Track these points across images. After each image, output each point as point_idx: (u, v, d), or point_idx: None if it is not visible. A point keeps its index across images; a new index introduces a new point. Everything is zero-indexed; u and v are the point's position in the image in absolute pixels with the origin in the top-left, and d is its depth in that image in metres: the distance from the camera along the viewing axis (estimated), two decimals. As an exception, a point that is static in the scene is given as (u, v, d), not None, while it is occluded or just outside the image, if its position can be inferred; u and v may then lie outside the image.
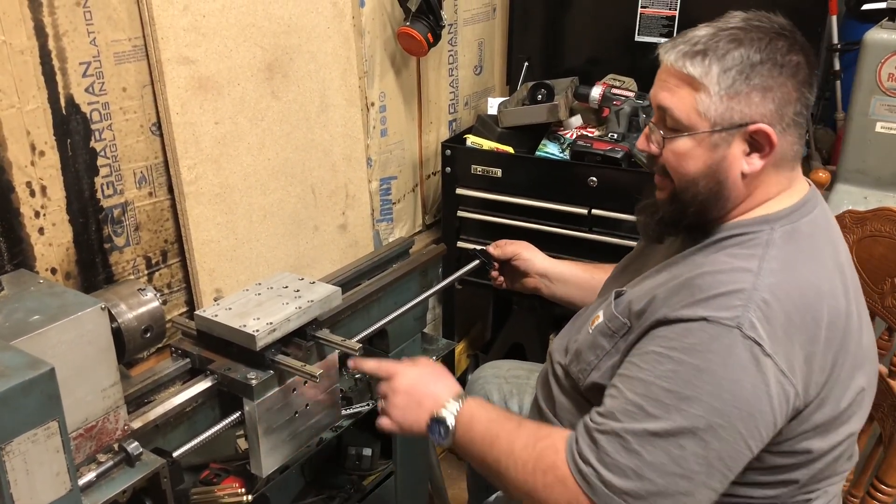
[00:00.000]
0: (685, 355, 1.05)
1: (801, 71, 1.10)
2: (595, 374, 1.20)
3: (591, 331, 1.23)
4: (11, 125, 1.28)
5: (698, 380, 1.03)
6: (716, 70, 1.08)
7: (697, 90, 1.09)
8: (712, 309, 1.05)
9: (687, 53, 1.10)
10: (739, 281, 1.07)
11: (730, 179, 1.13)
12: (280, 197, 1.73)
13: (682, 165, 1.14)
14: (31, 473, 0.87)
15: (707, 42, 1.10)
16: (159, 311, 1.13)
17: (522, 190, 2.05)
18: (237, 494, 1.24)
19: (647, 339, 1.11)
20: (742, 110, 1.09)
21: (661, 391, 1.05)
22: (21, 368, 0.85)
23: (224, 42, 1.54)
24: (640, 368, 1.09)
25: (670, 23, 2.19)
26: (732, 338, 1.03)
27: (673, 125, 1.13)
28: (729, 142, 1.11)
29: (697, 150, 1.12)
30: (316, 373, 1.17)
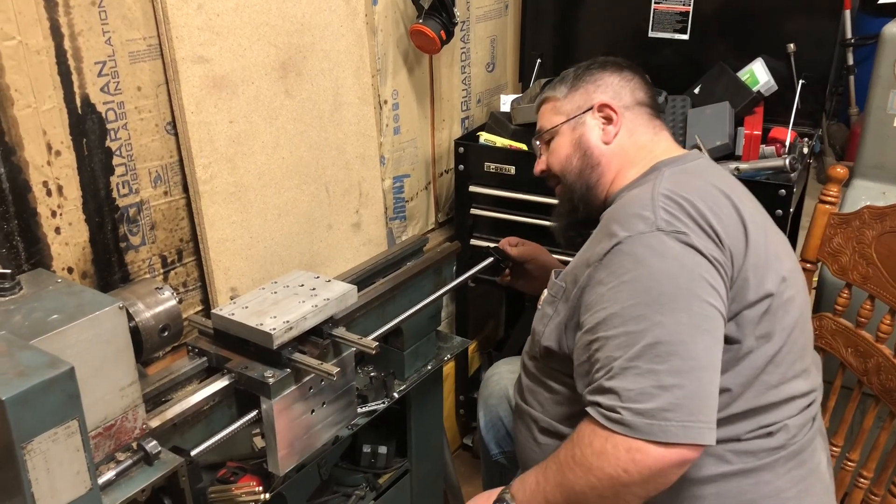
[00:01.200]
0: (631, 270, 1.15)
1: (623, 70, 1.44)
2: (544, 338, 1.30)
3: (540, 306, 1.38)
4: (28, 125, 1.29)
5: (655, 280, 1.13)
6: (560, 86, 1.46)
7: (552, 102, 1.47)
8: (629, 228, 1.18)
9: (546, 89, 1.51)
10: (640, 200, 1.22)
11: (592, 147, 1.39)
12: (294, 195, 1.73)
13: (558, 157, 1.43)
14: (51, 472, 0.87)
15: (561, 75, 1.49)
16: (176, 310, 1.13)
17: (536, 187, 2.04)
18: (255, 493, 1.23)
19: (592, 286, 1.20)
20: (585, 98, 1.42)
21: (632, 309, 1.13)
22: (41, 368, 0.86)
23: (238, 41, 1.54)
24: (603, 308, 1.16)
25: (684, 18, 2.18)
26: (658, 238, 1.15)
27: (547, 137, 1.46)
28: (582, 121, 1.41)
29: (563, 139, 1.43)
30: (333, 371, 1.17)
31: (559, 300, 1.29)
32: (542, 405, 1.34)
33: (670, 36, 2.22)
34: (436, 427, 1.76)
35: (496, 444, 1.66)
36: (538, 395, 1.35)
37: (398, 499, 1.70)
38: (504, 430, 1.64)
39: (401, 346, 1.60)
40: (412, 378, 1.62)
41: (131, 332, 1.07)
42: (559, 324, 1.28)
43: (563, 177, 1.43)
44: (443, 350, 1.74)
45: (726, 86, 2.08)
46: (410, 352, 1.61)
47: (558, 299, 1.29)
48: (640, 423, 1.08)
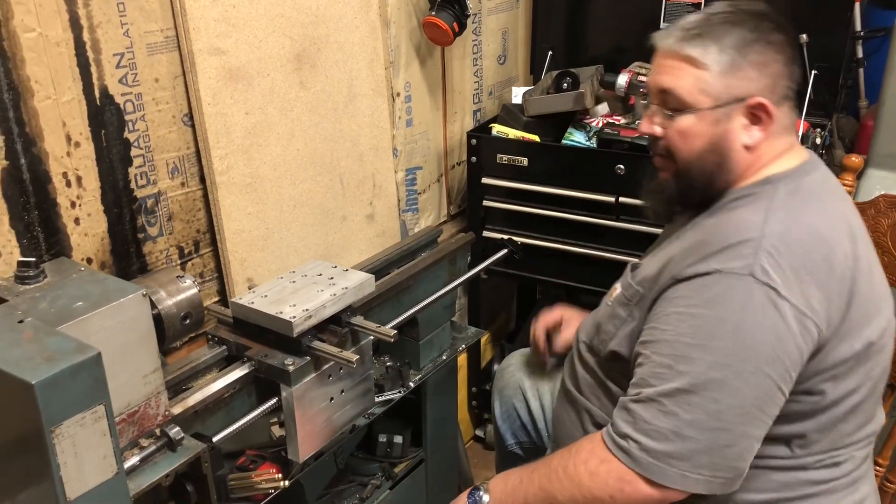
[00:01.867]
0: (704, 309, 1.08)
1: (786, 48, 1.19)
2: (613, 342, 1.24)
3: (611, 303, 1.29)
4: (48, 116, 1.30)
5: (720, 329, 1.06)
6: (714, 49, 1.15)
7: (698, 69, 1.16)
8: (724, 261, 1.09)
9: (684, 37, 1.17)
10: (747, 231, 1.11)
11: (733, 151, 1.19)
12: (309, 187, 1.73)
13: (686, 143, 1.20)
14: (79, 456, 0.88)
15: (702, 26, 1.17)
16: (197, 298, 1.14)
17: (549, 179, 2.05)
18: (274, 479, 1.25)
19: (664, 301, 1.14)
20: (740, 85, 1.16)
21: (686, 347, 1.08)
22: (69, 353, 0.87)
23: (254, 32, 1.54)
24: (662, 331, 1.12)
25: (696, 10, 2.17)
26: (747, 284, 1.06)
27: (676, 105, 1.19)
28: (730, 116, 1.17)
29: (700, 126, 1.18)
30: (353, 359, 1.18)
31: (634, 305, 1.22)
32: (599, 400, 1.31)
33: (682, 27, 2.21)
34: (451, 417, 1.77)
35: (512, 434, 1.67)
36: (596, 390, 1.32)
37: (413, 488, 1.71)
38: (519, 422, 1.64)
39: (416, 336, 1.60)
40: (427, 368, 1.63)
41: (154, 320, 1.08)
42: (633, 330, 1.21)
43: (683, 170, 1.23)
44: (457, 340, 1.75)
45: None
46: (426, 342, 1.62)
47: (633, 304, 1.23)
48: (644, 459, 1.08)
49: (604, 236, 2.03)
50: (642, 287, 1.21)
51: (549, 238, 2.11)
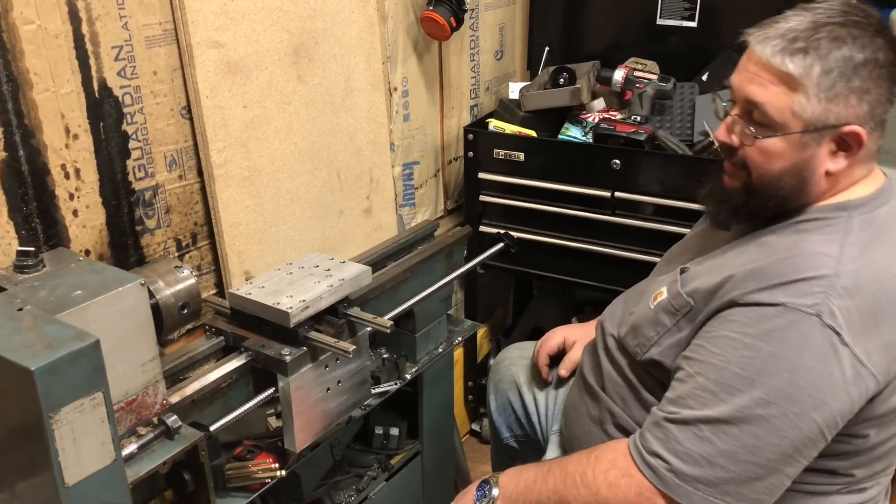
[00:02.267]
0: (761, 342, 1.03)
1: (893, 69, 1.08)
2: (654, 349, 1.20)
3: (653, 306, 1.22)
4: (47, 108, 1.30)
5: (773, 367, 1.02)
6: (817, 70, 1.05)
7: (795, 90, 1.06)
8: (792, 295, 1.04)
9: (786, 49, 1.06)
10: (820, 266, 1.05)
11: (813, 177, 1.12)
12: (306, 181, 1.74)
13: (766, 163, 1.12)
14: (77, 442, 0.90)
15: (808, 38, 1.06)
16: (195, 289, 1.15)
17: (545, 174, 2.06)
18: (271, 469, 1.26)
19: (719, 321, 1.09)
20: (838, 112, 1.07)
21: (733, 377, 1.04)
22: (68, 340, 0.88)
23: (252, 26, 1.55)
24: (712, 353, 1.07)
25: (692, 5, 2.19)
26: (811, 325, 1.02)
27: (762, 120, 1.10)
28: (819, 142, 1.09)
29: (785, 148, 1.10)
30: (349, 349, 1.19)
31: (682, 316, 1.17)
32: (625, 403, 1.28)
33: (678, 23, 2.23)
34: (447, 410, 1.79)
35: (507, 427, 1.68)
36: (623, 391, 1.29)
37: (409, 480, 1.72)
38: (514, 415, 1.65)
39: (413, 329, 1.61)
40: (424, 360, 1.64)
41: (152, 310, 1.09)
42: (679, 342, 1.17)
43: (757, 186, 1.15)
44: (454, 333, 1.76)
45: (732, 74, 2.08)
46: (422, 334, 1.63)
47: (681, 315, 1.17)
48: (670, 480, 1.06)
49: (600, 231, 2.04)
50: (694, 299, 1.15)
51: (546, 233, 2.12)
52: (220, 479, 1.25)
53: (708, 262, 1.21)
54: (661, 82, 2.02)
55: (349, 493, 1.60)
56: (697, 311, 1.15)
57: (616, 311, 1.37)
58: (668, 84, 2.02)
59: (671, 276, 1.24)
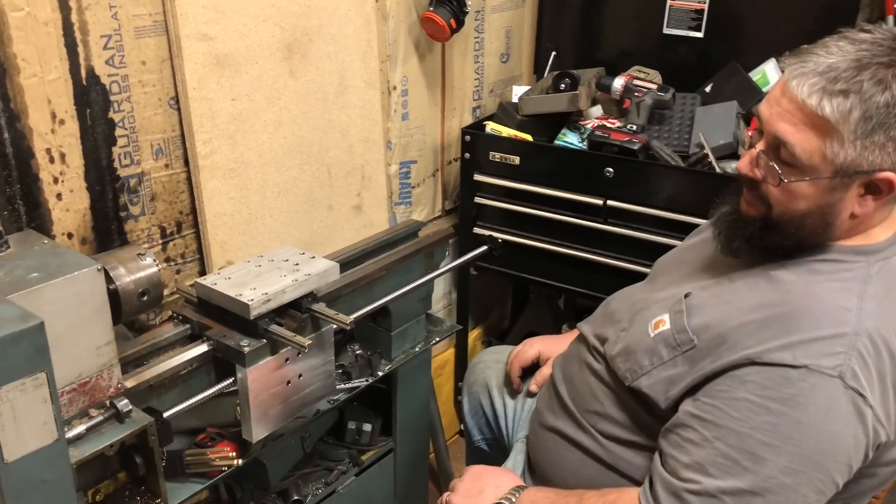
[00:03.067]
0: (785, 407, 1.00)
1: None
2: (644, 380, 1.16)
3: (653, 335, 1.18)
4: (33, 94, 1.34)
5: (799, 433, 1.00)
6: (856, 116, 0.99)
7: (829, 134, 1.01)
8: (814, 355, 1.00)
9: (825, 90, 1.00)
10: (840, 322, 1.02)
11: (838, 220, 1.07)
12: (295, 175, 1.76)
13: (790, 202, 1.07)
14: (18, 420, 0.92)
15: (849, 80, 0.99)
16: (157, 276, 1.17)
17: (539, 178, 2.06)
18: (228, 458, 1.28)
19: (735, 381, 1.05)
20: (873, 160, 1.01)
21: (757, 444, 1.01)
22: (12, 320, 0.90)
23: (243, 20, 1.57)
24: (731, 417, 1.03)
25: (699, 16, 2.17)
26: (834, 388, 0.99)
27: (789, 160, 1.05)
28: (848, 186, 1.04)
29: (812, 190, 1.05)
30: (304, 343, 1.20)
31: (680, 353, 1.12)
32: (598, 416, 1.27)
33: (685, 33, 2.21)
34: (422, 409, 1.79)
35: (478, 430, 1.69)
36: (596, 405, 1.27)
37: (381, 476, 1.73)
38: (484, 418, 1.66)
39: (388, 327, 1.63)
40: (399, 358, 1.65)
41: (111, 295, 1.12)
42: (671, 378, 1.13)
43: (777, 221, 1.10)
44: (433, 333, 1.77)
45: (737, 85, 2.07)
46: (398, 333, 1.64)
47: (680, 351, 1.13)
48: None
49: (591, 238, 2.04)
50: (699, 338, 1.11)
51: (539, 238, 2.13)
52: (178, 465, 1.27)
53: (714, 289, 1.17)
54: (660, 92, 2.01)
55: (317, 485, 1.61)
56: (700, 352, 1.10)
57: (600, 322, 1.35)
58: (666, 94, 2.00)
59: (674, 301, 1.19)
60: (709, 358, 1.09)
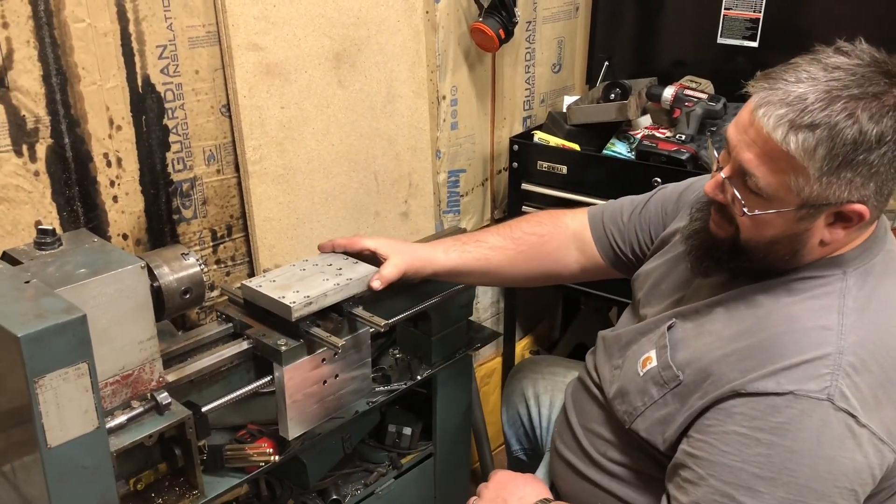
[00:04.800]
0: (775, 436, 0.98)
1: None
2: (640, 422, 1.16)
3: (642, 374, 1.17)
4: (92, 100, 1.41)
5: (793, 463, 0.97)
6: (821, 153, 0.94)
7: (794, 169, 0.97)
8: (798, 381, 0.98)
9: (792, 124, 0.95)
10: (822, 343, 0.99)
11: (806, 247, 1.05)
12: (342, 182, 1.80)
13: (756, 231, 1.05)
14: (61, 408, 0.97)
15: (816, 114, 0.94)
16: (199, 276, 1.22)
17: (587, 188, 2.05)
18: (266, 454, 1.31)
19: (722, 414, 1.03)
20: (840, 192, 0.97)
21: (752, 478, 0.99)
22: (57, 312, 0.95)
23: (293, 31, 1.62)
24: (722, 451, 1.01)
25: (754, 25, 2.13)
26: (824, 411, 0.96)
27: (755, 189, 1.02)
28: (815, 217, 1.01)
29: (778, 221, 1.02)
30: (339, 343, 1.23)
31: (669, 390, 1.11)
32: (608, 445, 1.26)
33: (739, 43, 2.17)
34: (463, 415, 1.80)
35: (516, 440, 1.69)
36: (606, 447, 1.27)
37: (420, 481, 1.74)
38: (522, 428, 1.66)
39: (429, 332, 1.64)
40: (439, 364, 1.67)
41: (154, 292, 1.16)
42: (664, 418, 1.12)
43: (745, 243, 1.08)
44: (474, 339, 1.77)
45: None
46: (438, 338, 1.66)
47: (668, 389, 1.11)
48: None
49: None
50: (683, 373, 1.10)
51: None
52: (218, 459, 1.31)
53: (695, 319, 1.15)
54: (711, 102, 1.98)
55: (356, 486, 1.64)
56: (687, 388, 1.09)
57: (598, 354, 1.34)
58: (717, 104, 1.98)
59: (658, 336, 1.18)
60: (696, 394, 1.07)
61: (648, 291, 1.33)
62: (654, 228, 1.41)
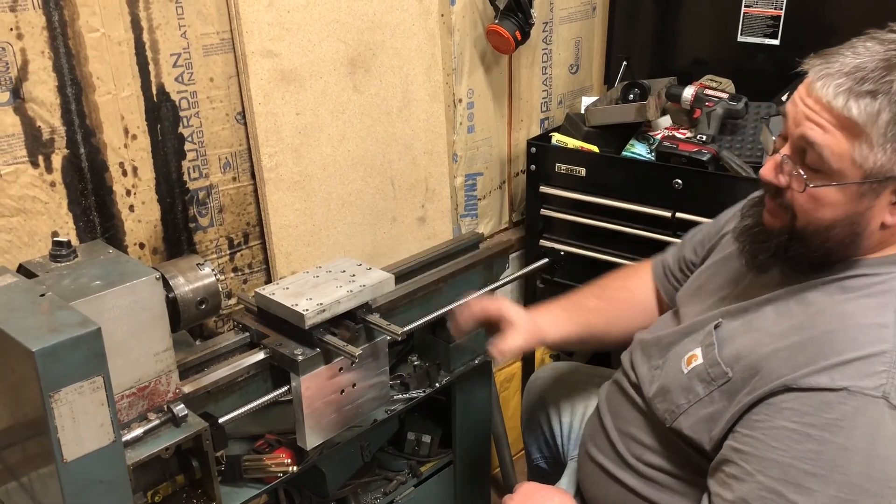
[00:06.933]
0: (827, 433, 0.95)
1: None
2: (683, 419, 1.12)
3: (687, 371, 1.14)
4: (108, 110, 1.41)
5: (845, 460, 0.94)
6: (885, 118, 0.95)
7: (857, 137, 0.96)
8: (853, 377, 0.96)
9: (851, 91, 0.96)
10: (879, 340, 0.97)
11: (867, 230, 1.02)
12: (359, 187, 1.79)
13: (816, 211, 1.02)
14: (77, 422, 0.96)
15: (877, 80, 0.95)
16: (214, 286, 1.21)
17: (606, 190, 2.03)
18: (283, 464, 1.30)
19: (771, 409, 1.00)
20: None
21: (802, 475, 0.96)
22: (72, 326, 0.95)
23: (307, 37, 1.61)
24: (771, 447, 0.99)
25: (775, 23, 2.10)
26: (878, 410, 0.94)
27: (816, 165, 1.00)
28: (878, 193, 0.99)
29: (839, 197, 1.00)
30: (355, 353, 1.21)
31: (716, 387, 1.08)
32: (643, 446, 1.24)
33: (760, 41, 2.14)
34: (483, 422, 1.79)
35: (536, 448, 1.67)
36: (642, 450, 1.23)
37: (440, 488, 1.73)
38: (543, 437, 1.64)
39: (447, 339, 1.63)
40: (458, 370, 1.65)
41: (170, 303, 1.16)
42: (711, 416, 1.09)
43: (802, 233, 1.05)
44: (493, 345, 1.75)
45: (815, 94, 1.98)
46: (457, 345, 1.64)
47: (716, 386, 1.09)
48: None
49: (659, 251, 1.98)
50: (732, 370, 1.07)
51: (607, 251, 2.08)
52: (237, 469, 1.31)
53: (743, 317, 1.12)
54: (732, 101, 1.95)
55: (376, 494, 1.63)
56: (735, 385, 1.06)
57: (636, 358, 1.30)
58: (738, 103, 1.94)
59: (704, 334, 1.15)
60: (745, 390, 1.05)
61: (693, 293, 1.31)
62: (701, 248, 1.43)
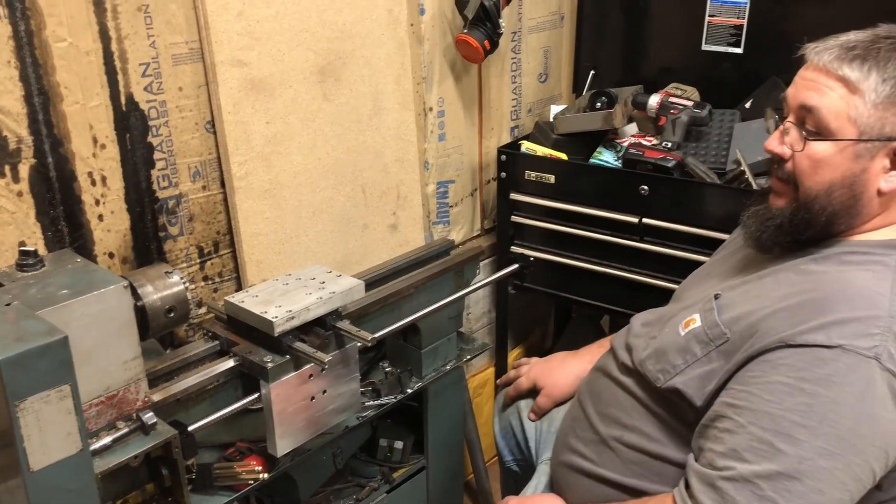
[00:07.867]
0: (819, 387, 0.99)
1: None
2: (678, 378, 1.15)
3: (684, 333, 1.17)
4: (76, 120, 1.40)
5: (835, 414, 0.98)
6: (875, 77, 1.06)
7: (852, 93, 1.06)
8: (848, 336, 1.00)
9: (843, 56, 1.08)
10: (875, 305, 1.02)
11: (865, 194, 1.09)
12: (330, 195, 1.80)
13: (816, 173, 1.10)
14: (43, 431, 0.96)
15: (866, 47, 1.08)
16: (183, 294, 1.21)
17: (575, 197, 2.05)
18: (254, 472, 1.31)
19: (767, 365, 1.04)
20: (895, 123, 1.06)
21: (792, 425, 0.99)
22: (38, 334, 0.95)
23: (277, 46, 1.62)
24: (765, 400, 1.02)
25: (738, 31, 2.14)
26: (870, 369, 0.98)
27: (815, 128, 1.10)
28: (872, 154, 1.07)
29: (837, 157, 1.08)
30: (325, 359, 1.22)
31: (715, 347, 1.12)
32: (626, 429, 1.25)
33: (724, 49, 2.18)
34: (455, 427, 1.80)
35: (508, 451, 1.68)
36: (627, 419, 1.25)
37: (413, 494, 1.74)
38: (514, 439, 1.65)
39: (418, 345, 1.64)
40: (429, 376, 1.66)
41: (138, 312, 1.16)
42: (707, 375, 1.12)
43: (804, 202, 1.13)
44: (464, 351, 1.77)
45: (778, 101, 2.02)
46: (428, 351, 1.65)
47: (714, 346, 1.12)
48: None
49: (628, 257, 2.01)
50: (731, 330, 1.11)
51: (576, 256, 2.11)
52: (207, 477, 1.31)
53: (743, 287, 1.17)
54: (696, 109, 1.99)
55: (348, 501, 1.63)
56: (733, 345, 1.10)
57: (628, 340, 1.33)
58: (702, 111, 1.98)
59: (704, 303, 1.19)
60: (742, 349, 1.08)
61: (698, 282, 1.35)
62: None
